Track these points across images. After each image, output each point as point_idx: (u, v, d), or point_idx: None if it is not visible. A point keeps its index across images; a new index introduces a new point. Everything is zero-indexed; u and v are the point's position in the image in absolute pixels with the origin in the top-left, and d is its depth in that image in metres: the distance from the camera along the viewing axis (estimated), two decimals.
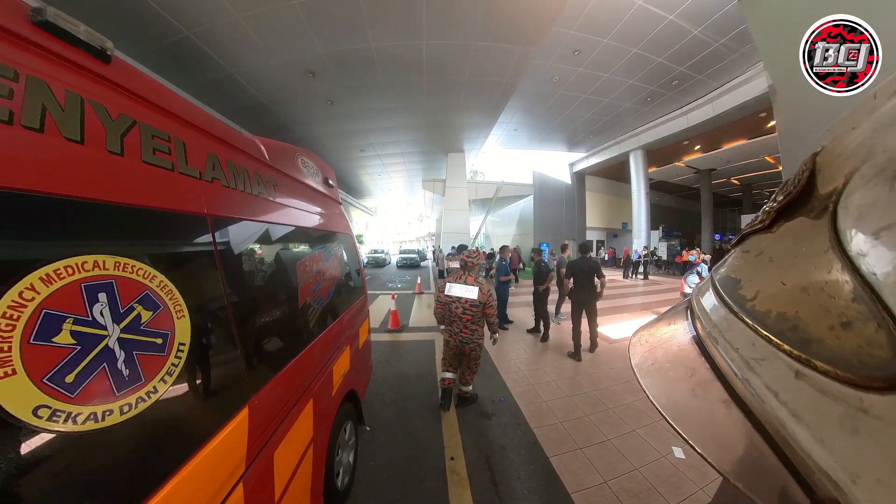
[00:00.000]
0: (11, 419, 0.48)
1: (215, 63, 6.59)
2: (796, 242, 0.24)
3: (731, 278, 0.30)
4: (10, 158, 0.51)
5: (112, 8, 4.89)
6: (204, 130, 0.96)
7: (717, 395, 0.27)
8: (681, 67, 8.72)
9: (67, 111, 0.59)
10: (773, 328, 0.23)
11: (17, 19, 0.54)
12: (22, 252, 0.53)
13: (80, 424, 0.55)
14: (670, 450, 2.28)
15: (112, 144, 0.67)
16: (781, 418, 0.20)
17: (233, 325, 0.96)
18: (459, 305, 2.68)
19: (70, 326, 0.55)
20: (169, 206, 0.79)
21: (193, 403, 0.80)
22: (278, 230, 1.39)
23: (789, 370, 0.20)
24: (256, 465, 0.99)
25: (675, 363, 0.33)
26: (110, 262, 0.63)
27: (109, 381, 0.60)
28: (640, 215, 14.26)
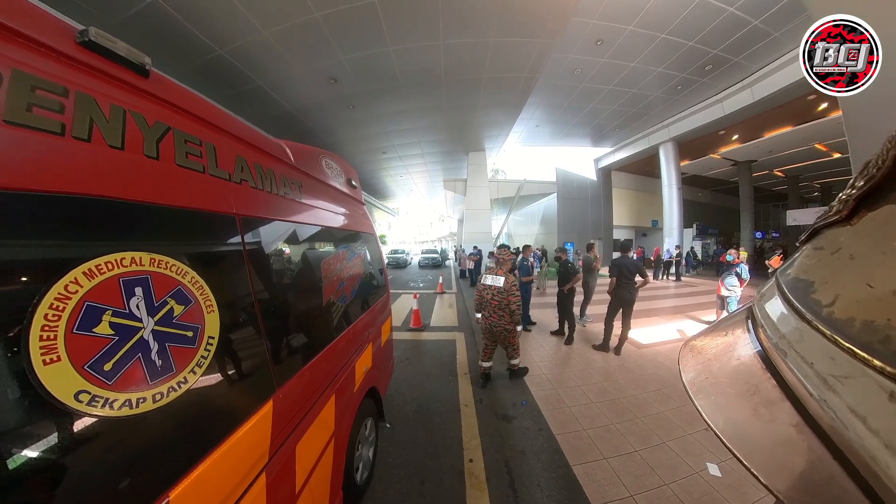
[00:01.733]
0: (55, 402, 0.52)
1: (245, 76, 6.97)
2: (884, 236, 0.21)
3: (802, 280, 0.26)
4: (63, 167, 0.56)
5: (155, 33, 5.31)
6: (233, 135, 1.00)
7: (786, 417, 0.23)
8: (715, 50, 8.05)
9: (111, 122, 0.64)
10: (857, 339, 0.19)
11: (66, 41, 0.60)
12: (67, 249, 0.57)
13: (116, 410, 0.59)
14: (704, 466, 2.12)
15: (148, 149, 0.71)
16: (871, 449, 0.17)
17: (259, 320, 0.99)
18: (489, 292, 3.23)
19: (109, 318, 0.59)
20: (200, 206, 0.83)
21: (221, 395, 0.83)
22: (304, 230, 1.43)
23: (881, 391, 0.17)
24: (279, 456, 1.02)
25: (734, 379, 0.29)
26: (146, 258, 0.66)
27: (143, 370, 0.64)
28: (671, 212, 13.49)
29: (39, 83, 0.54)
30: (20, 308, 0.50)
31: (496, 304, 3.17)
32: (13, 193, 0.50)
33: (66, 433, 0.54)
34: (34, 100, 0.53)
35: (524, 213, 21.27)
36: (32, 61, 0.54)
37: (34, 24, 0.56)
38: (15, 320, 0.49)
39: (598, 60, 8.49)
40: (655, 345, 4.64)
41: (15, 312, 0.49)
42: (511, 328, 3.18)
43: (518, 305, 3.09)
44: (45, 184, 0.54)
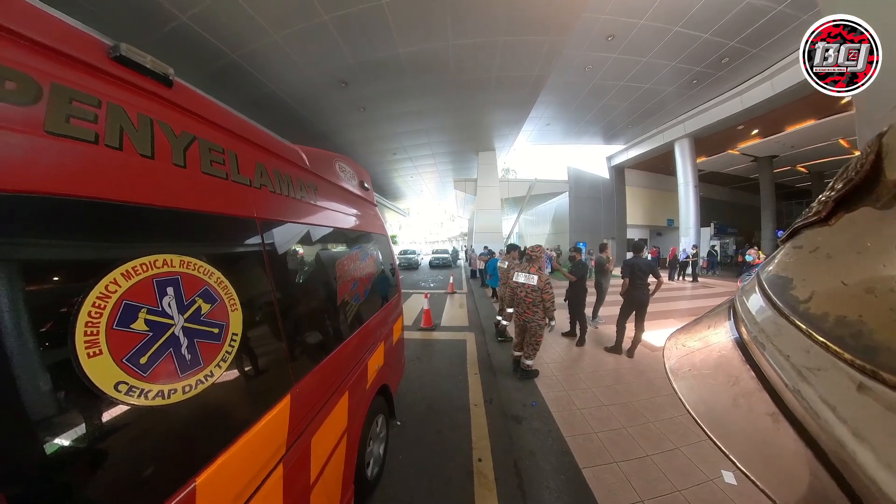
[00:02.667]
0: (97, 391, 0.57)
1: (258, 81, 7.16)
2: (859, 236, 0.22)
3: (782, 277, 0.27)
4: (98, 174, 0.61)
5: (170, 40, 5.50)
6: (253, 142, 1.06)
7: (763, 407, 0.25)
8: (732, 42, 7.74)
9: (140, 131, 0.69)
10: (831, 334, 0.20)
11: (99, 56, 0.64)
12: (107, 251, 0.62)
13: (149, 400, 0.64)
14: (719, 473, 2.07)
15: (176, 158, 0.76)
16: (840, 437, 0.18)
17: (278, 318, 1.04)
18: (523, 290, 3.37)
19: (144, 315, 0.64)
20: (224, 211, 0.88)
21: (243, 388, 0.88)
22: (319, 231, 1.48)
23: (851, 382, 0.18)
24: (296, 448, 1.07)
25: (715, 370, 0.30)
26: (176, 260, 0.71)
27: (174, 363, 0.69)
28: (687, 211, 13.12)
29: (76, 95, 0.58)
30: (67, 306, 0.55)
31: (530, 302, 3.31)
32: (56, 199, 0.54)
33: (107, 420, 0.59)
34: (72, 111, 0.57)
35: (535, 213, 21.09)
36: (69, 75, 0.58)
37: (70, 41, 0.60)
38: (63, 317, 0.54)
39: (609, 56, 8.35)
40: None
41: (62, 310, 0.54)
42: (543, 323, 3.33)
43: (552, 302, 3.24)
44: (84, 190, 0.58)
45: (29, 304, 0.51)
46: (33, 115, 0.52)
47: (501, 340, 4.83)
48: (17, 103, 0.51)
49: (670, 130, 13.24)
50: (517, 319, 3.50)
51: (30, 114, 0.52)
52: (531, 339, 3.39)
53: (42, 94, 0.54)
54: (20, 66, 0.52)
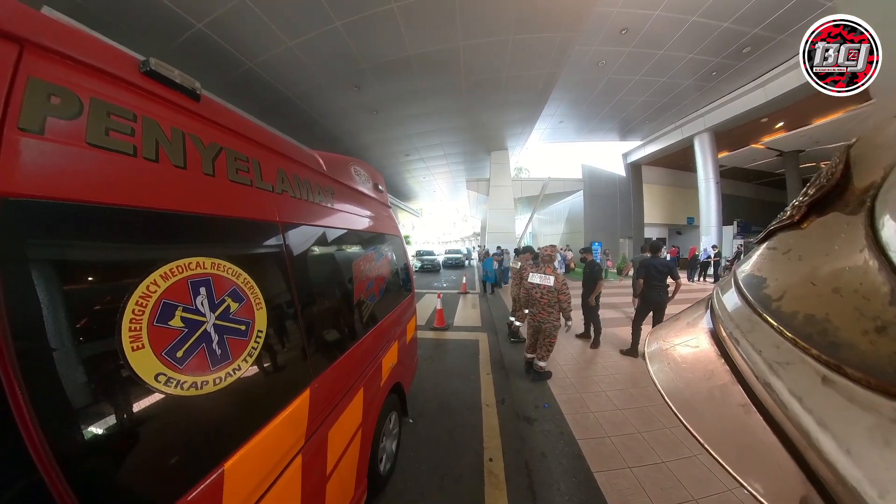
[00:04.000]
0: (140, 381, 0.63)
1: (273, 88, 7.37)
2: (828, 240, 0.23)
3: (756, 277, 0.29)
4: (139, 184, 0.67)
5: (189, 49, 5.73)
6: (274, 150, 1.12)
7: (736, 398, 0.26)
8: (755, 30, 7.33)
9: (173, 143, 0.75)
10: (800, 331, 0.22)
11: (132, 71, 0.69)
12: (148, 255, 0.68)
13: (184, 390, 0.70)
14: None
15: (206, 168, 0.82)
16: (805, 426, 0.19)
17: (299, 316, 1.10)
18: (538, 291, 3.34)
19: (180, 313, 0.70)
20: (249, 216, 0.94)
21: (267, 381, 0.94)
22: (336, 233, 1.54)
23: (816, 375, 0.19)
24: (314, 440, 1.12)
25: (693, 364, 0.32)
26: (208, 262, 0.77)
27: (207, 357, 0.75)
28: (708, 208, 12.60)
29: (113, 109, 0.63)
30: (114, 304, 0.61)
31: (546, 302, 3.30)
32: (101, 207, 0.59)
33: (149, 407, 0.65)
34: (110, 124, 0.62)
35: (549, 212, 20.82)
36: (106, 90, 0.63)
37: (104, 56, 0.63)
38: (110, 314, 0.60)
39: (623, 50, 8.13)
40: None
41: (110, 308, 0.60)
42: (559, 325, 3.33)
43: (569, 302, 3.24)
44: (126, 199, 0.63)
45: (79, 301, 0.57)
46: (76, 128, 0.56)
47: (514, 341, 4.82)
48: (62, 117, 0.55)
49: (689, 125, 12.77)
50: (531, 321, 3.48)
51: (73, 127, 0.56)
52: (545, 341, 3.38)
53: (83, 108, 0.58)
54: (62, 81, 0.56)
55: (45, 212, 0.53)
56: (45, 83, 0.54)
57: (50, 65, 0.55)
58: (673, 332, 0.38)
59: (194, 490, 0.69)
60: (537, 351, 3.47)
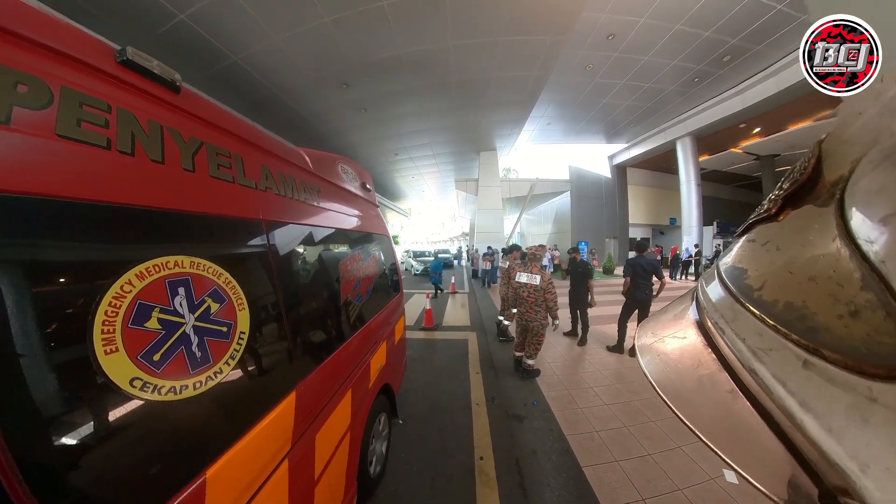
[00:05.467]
0: (114, 386, 0.60)
1: (259, 83, 7.20)
2: (803, 231, 0.24)
3: (737, 268, 0.30)
4: (112, 179, 0.63)
5: (168, 40, 5.53)
6: (258, 146, 1.09)
7: (723, 385, 0.27)
8: (734, 40, 7.70)
9: (151, 136, 0.71)
10: (780, 318, 0.22)
11: (107, 60, 0.65)
12: (122, 253, 0.65)
13: (162, 395, 0.67)
14: (721, 472, 2.09)
15: (186, 163, 0.79)
16: (789, 408, 0.20)
17: (283, 317, 1.07)
18: (525, 290, 3.36)
19: (157, 314, 0.67)
20: (231, 213, 0.91)
21: (250, 385, 0.91)
22: (322, 232, 1.51)
23: (797, 360, 0.20)
24: (301, 444, 1.10)
25: (681, 354, 0.33)
26: (187, 261, 0.74)
27: (186, 361, 0.72)
28: (690, 209, 13.04)
29: (86, 100, 0.59)
30: (85, 305, 0.57)
31: (532, 301, 3.32)
32: (71, 202, 0.56)
33: (123, 413, 0.61)
34: (82, 115, 0.58)
35: (537, 213, 21.05)
36: (78, 79, 0.59)
37: (77, 44, 0.60)
38: (81, 316, 0.57)
39: (610, 55, 8.33)
40: None
41: (81, 309, 0.57)
42: (546, 323, 3.35)
43: (555, 301, 3.25)
44: (98, 194, 0.60)
45: (48, 303, 0.53)
46: (45, 118, 0.53)
47: (503, 340, 4.85)
48: (30, 107, 0.51)
49: (672, 129, 13.18)
50: (520, 319, 3.51)
51: (41, 117, 0.53)
52: (533, 339, 3.41)
53: (53, 97, 0.54)
54: (30, 69, 0.52)
55: (11, 207, 0.49)
56: (12, 70, 0.50)
57: (17, 51, 0.52)
58: (661, 325, 0.39)
59: (174, 500, 0.66)
60: (526, 349, 3.50)
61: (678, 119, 12.70)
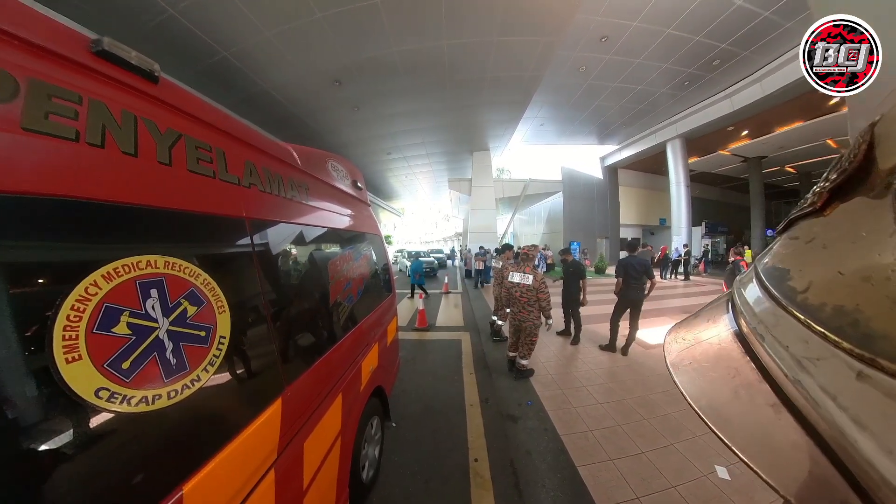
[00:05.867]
0: (77, 398, 0.54)
1: (249, 79, 7.08)
2: (854, 226, 0.22)
3: (779, 268, 0.27)
4: (78, 172, 0.58)
5: (157, 35, 5.40)
6: (242, 140, 1.03)
7: (764, 398, 0.24)
8: (723, 44, 7.89)
9: (124, 128, 0.66)
10: (829, 323, 0.20)
11: (79, 50, 0.62)
12: (87, 252, 0.60)
13: (133, 406, 0.62)
14: (713, 469, 2.09)
15: (161, 156, 0.74)
16: (841, 425, 0.18)
17: (268, 320, 1.02)
18: (518, 290, 3.35)
19: (127, 319, 0.62)
20: (211, 210, 0.86)
21: (232, 392, 0.86)
22: (311, 231, 1.46)
23: (850, 371, 0.18)
24: (288, 453, 1.05)
25: (715, 363, 0.30)
26: (161, 261, 0.69)
27: (159, 368, 0.67)
28: (679, 210, 13.28)
29: (55, 91, 0.56)
30: (44, 309, 0.52)
31: (525, 301, 3.30)
32: (33, 198, 0.52)
33: (88, 428, 0.56)
34: (51, 108, 0.55)
35: (529, 213, 21.17)
36: (48, 70, 0.56)
37: (48, 34, 0.57)
38: (40, 321, 0.52)
39: (603, 57, 8.42)
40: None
41: (39, 313, 0.52)
42: (539, 323, 3.33)
43: (548, 301, 3.25)
44: (63, 189, 0.55)
45: (2, 306, 0.48)
46: (10, 111, 0.50)
47: (497, 340, 4.84)
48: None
49: (662, 131, 13.39)
50: (513, 319, 3.49)
51: (6, 110, 0.49)
52: (527, 339, 3.39)
53: (19, 89, 0.51)
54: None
55: None
56: None
57: None
58: (693, 331, 0.36)
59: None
60: (519, 349, 3.49)
61: (669, 121, 12.90)
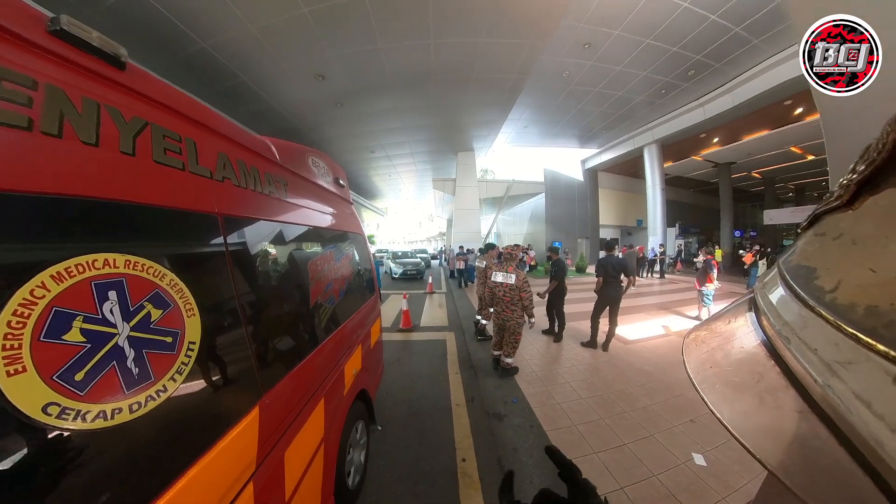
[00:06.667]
0: (21, 416, 0.48)
1: (229, 71, 6.78)
2: (886, 220, 0.21)
3: (804, 267, 0.26)
4: (30, 164, 0.52)
5: (135, 24, 5.09)
6: (215, 131, 0.97)
7: (791, 404, 0.23)
8: (697, 56, 8.33)
9: (84, 116, 0.60)
10: (861, 325, 0.19)
11: (35, 30, 0.56)
12: (33, 251, 0.53)
13: (89, 423, 0.55)
14: (690, 456, 2.19)
15: (124, 145, 0.67)
16: (876, 433, 0.17)
17: (243, 324, 0.96)
18: (501, 289, 3.38)
19: (80, 324, 0.56)
20: (180, 205, 0.79)
21: (203, 402, 0.80)
22: (289, 230, 1.39)
23: (886, 375, 0.17)
24: (267, 464, 0.99)
25: (738, 367, 0.29)
26: (120, 260, 0.63)
27: (119, 379, 0.60)
28: (655, 212, 13.83)
29: (5, 74, 0.50)
30: None
31: (508, 301, 3.33)
32: None
33: (35, 448, 0.50)
34: (1, 93, 0.49)
35: (513, 213, 21.42)
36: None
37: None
38: None
39: (585, 63, 8.64)
40: (642, 340, 4.75)
41: None
42: (522, 322, 3.36)
43: (530, 301, 3.27)
44: (11, 182, 0.50)
45: None
46: None
47: (481, 339, 4.85)
48: None
49: (640, 136, 13.89)
50: (496, 318, 3.51)
51: None
52: (510, 338, 3.42)
53: None
54: None
55: None
56: None
57: None
58: (713, 333, 0.35)
59: None
60: (503, 348, 3.51)
61: (646, 127, 13.40)
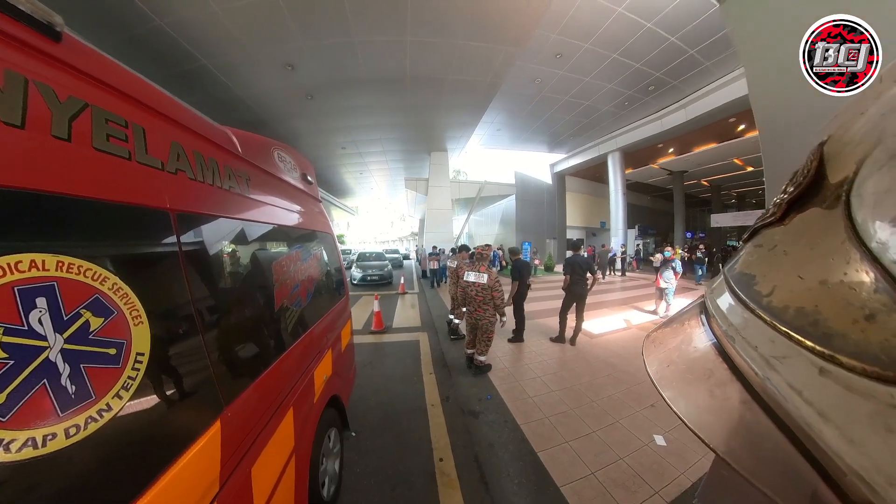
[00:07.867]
0: None
1: (188, 53, 6.23)
2: (810, 234, 0.23)
3: (746, 274, 0.29)
4: None
5: None
6: (167, 117, 0.87)
7: (737, 395, 0.26)
8: (657, 73, 9.03)
9: (7, 93, 0.52)
10: (792, 324, 0.22)
11: None
12: None
13: (14, 453, 0.47)
14: (652, 438, 2.36)
15: (57, 129, 0.58)
16: (807, 418, 0.19)
17: (200, 331, 0.87)
18: (473, 288, 3.43)
19: (0, 338, 0.47)
20: (125, 199, 0.70)
21: (156, 420, 0.71)
22: (252, 228, 1.29)
23: (812, 367, 0.20)
24: (232, 482, 0.91)
25: (691, 365, 0.32)
26: (51, 261, 0.54)
27: (51, 399, 0.52)
28: (617, 214, 14.71)
29: None
30: None
31: (481, 300, 3.38)
32: None
33: None
34: None
35: (484, 214, 21.76)
36: None
37: None
38: None
39: (556, 72, 9.00)
40: (606, 334, 5.03)
41: None
42: (494, 320, 3.42)
43: (501, 300, 3.36)
44: None
45: None
46: None
47: (454, 338, 4.85)
48: None
49: (604, 144, 14.72)
50: (469, 318, 3.55)
51: None
52: (483, 336, 3.47)
53: None
54: None
55: None
56: None
57: None
58: (669, 335, 0.38)
59: None
60: (477, 346, 3.54)
61: (610, 136, 14.23)
